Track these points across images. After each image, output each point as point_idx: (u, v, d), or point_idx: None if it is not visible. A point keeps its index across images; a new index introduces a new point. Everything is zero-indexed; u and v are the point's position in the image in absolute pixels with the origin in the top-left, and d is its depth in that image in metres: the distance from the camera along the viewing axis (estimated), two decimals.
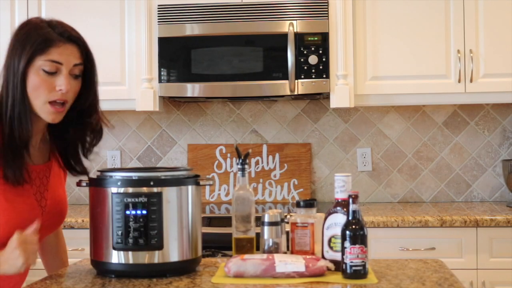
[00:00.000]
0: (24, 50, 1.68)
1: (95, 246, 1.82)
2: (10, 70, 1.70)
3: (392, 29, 3.34)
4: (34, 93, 1.70)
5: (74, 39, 1.74)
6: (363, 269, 1.69)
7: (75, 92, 1.77)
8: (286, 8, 3.28)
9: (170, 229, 1.78)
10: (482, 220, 3.01)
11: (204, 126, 3.77)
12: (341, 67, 3.28)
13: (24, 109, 1.70)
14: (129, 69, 3.41)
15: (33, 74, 1.69)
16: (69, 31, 1.74)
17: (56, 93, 1.71)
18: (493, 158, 3.65)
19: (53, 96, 1.71)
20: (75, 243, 2.91)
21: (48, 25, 1.72)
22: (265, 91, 3.27)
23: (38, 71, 1.69)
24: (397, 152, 3.69)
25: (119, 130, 3.79)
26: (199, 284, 1.71)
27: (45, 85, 1.70)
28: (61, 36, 1.71)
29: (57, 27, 1.72)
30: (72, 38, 1.74)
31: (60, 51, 1.70)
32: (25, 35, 1.70)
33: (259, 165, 3.69)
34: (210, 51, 3.30)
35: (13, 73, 1.69)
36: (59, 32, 1.71)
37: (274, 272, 1.72)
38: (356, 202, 1.70)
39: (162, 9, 3.32)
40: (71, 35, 1.73)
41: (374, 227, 3.03)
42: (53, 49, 1.69)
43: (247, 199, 1.93)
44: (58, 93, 1.71)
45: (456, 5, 3.30)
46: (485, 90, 3.30)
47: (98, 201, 1.81)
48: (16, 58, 1.69)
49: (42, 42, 1.68)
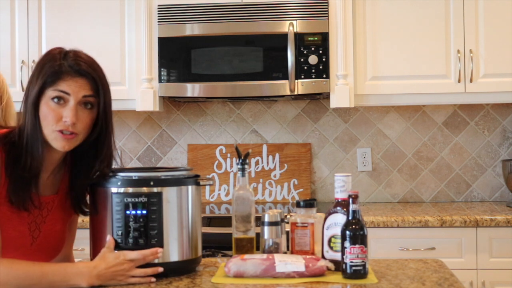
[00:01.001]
0: (37, 81, 1.72)
1: (95, 246, 1.83)
2: (27, 100, 1.74)
3: (392, 29, 3.34)
4: (44, 122, 1.71)
5: (83, 72, 1.73)
6: (363, 269, 1.69)
7: (86, 124, 1.74)
8: (286, 8, 3.28)
9: (170, 229, 1.78)
10: (482, 220, 3.01)
11: (204, 126, 3.78)
12: (341, 67, 3.28)
13: (36, 137, 1.71)
14: (129, 69, 3.41)
15: (44, 104, 1.71)
16: (80, 64, 1.74)
17: (63, 124, 1.71)
18: (493, 158, 3.65)
19: (60, 126, 1.71)
20: (75, 243, 2.90)
21: (63, 57, 1.74)
22: (265, 91, 3.27)
23: (48, 101, 1.71)
24: (397, 152, 3.69)
25: (119, 130, 3.79)
26: (199, 284, 1.71)
27: (53, 114, 1.70)
28: (70, 68, 1.72)
29: (69, 59, 1.73)
30: (81, 71, 1.73)
31: (68, 83, 1.71)
32: (41, 67, 1.74)
33: (259, 165, 3.69)
34: (210, 51, 3.30)
35: (29, 102, 1.73)
36: (70, 65, 1.72)
37: (274, 272, 1.72)
38: (356, 202, 1.71)
39: (162, 9, 3.32)
40: (81, 69, 1.73)
41: (374, 227, 3.03)
42: (62, 81, 1.71)
43: (247, 199, 1.93)
44: (64, 124, 1.70)
45: (456, 5, 3.30)
46: (485, 90, 3.30)
47: (98, 201, 1.81)
48: (31, 88, 1.74)
49: (53, 75, 1.71)
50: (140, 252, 1.73)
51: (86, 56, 1.78)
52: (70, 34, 3.44)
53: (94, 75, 1.75)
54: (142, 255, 1.73)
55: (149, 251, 1.74)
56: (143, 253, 1.73)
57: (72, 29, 3.44)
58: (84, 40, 3.43)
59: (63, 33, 3.44)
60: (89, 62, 1.76)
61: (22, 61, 3.44)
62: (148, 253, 1.74)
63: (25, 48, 3.45)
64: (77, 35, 3.44)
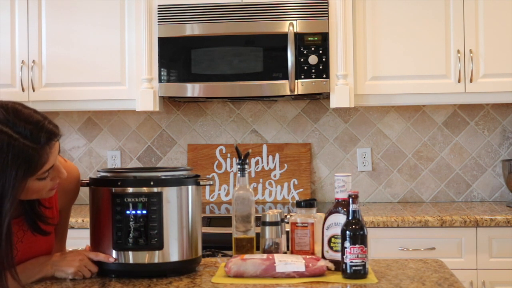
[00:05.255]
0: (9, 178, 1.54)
1: (95, 246, 1.83)
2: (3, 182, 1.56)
3: (392, 29, 3.34)
4: (32, 195, 1.66)
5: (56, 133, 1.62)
6: (363, 269, 1.69)
7: None
8: (286, 8, 3.28)
9: (170, 229, 1.78)
10: (482, 220, 3.01)
11: (204, 126, 3.78)
12: (341, 67, 3.28)
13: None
14: (129, 69, 3.41)
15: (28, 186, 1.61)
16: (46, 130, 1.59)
17: (56, 182, 1.69)
18: (493, 158, 3.65)
19: (54, 184, 1.69)
20: (75, 243, 2.90)
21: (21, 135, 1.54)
22: (265, 91, 3.27)
23: (33, 183, 1.62)
24: (397, 152, 3.69)
25: (119, 130, 3.79)
26: (199, 284, 1.71)
27: (44, 184, 1.66)
28: (46, 144, 1.59)
29: (33, 133, 1.56)
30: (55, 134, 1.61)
31: (50, 161, 1.62)
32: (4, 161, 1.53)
33: (259, 165, 3.69)
34: (210, 51, 3.30)
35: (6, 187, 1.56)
36: (40, 140, 1.57)
37: (274, 272, 1.72)
38: (356, 202, 1.71)
39: (162, 9, 3.32)
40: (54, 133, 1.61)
41: (374, 227, 3.03)
42: (45, 165, 1.61)
43: (247, 199, 1.93)
44: (57, 181, 1.70)
45: (456, 5, 3.30)
46: (485, 90, 3.30)
47: (98, 201, 1.81)
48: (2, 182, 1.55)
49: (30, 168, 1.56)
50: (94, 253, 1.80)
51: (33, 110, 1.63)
52: (70, 34, 3.44)
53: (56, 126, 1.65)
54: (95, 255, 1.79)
55: (103, 255, 1.79)
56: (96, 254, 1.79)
57: (72, 29, 3.44)
58: (84, 40, 3.43)
59: (63, 33, 3.44)
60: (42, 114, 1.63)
61: (22, 61, 3.44)
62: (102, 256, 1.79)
63: (25, 48, 3.45)
64: (77, 35, 3.44)
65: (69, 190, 1.90)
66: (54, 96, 3.44)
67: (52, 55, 3.44)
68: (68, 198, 1.91)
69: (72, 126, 3.81)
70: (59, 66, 3.44)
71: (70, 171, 1.86)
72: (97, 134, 3.80)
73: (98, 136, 3.79)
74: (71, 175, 1.87)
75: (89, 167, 3.73)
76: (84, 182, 1.87)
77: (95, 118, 3.80)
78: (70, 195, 1.92)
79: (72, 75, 3.44)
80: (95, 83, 3.43)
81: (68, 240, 2.16)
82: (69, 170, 1.84)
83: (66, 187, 1.87)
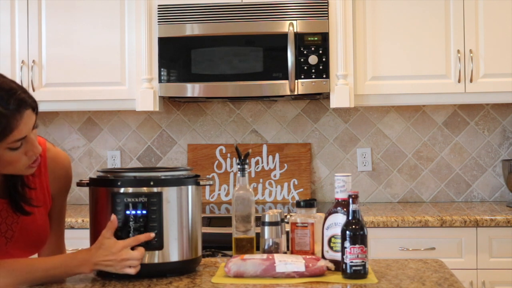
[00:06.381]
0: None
1: None
2: None
3: (392, 29, 3.34)
4: (7, 167, 1.64)
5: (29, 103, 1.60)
6: (363, 269, 1.69)
7: (37, 138, 1.71)
8: (286, 8, 3.28)
9: (170, 229, 1.78)
10: (482, 220, 3.01)
11: (204, 126, 3.78)
12: (341, 67, 3.28)
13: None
14: (129, 69, 3.41)
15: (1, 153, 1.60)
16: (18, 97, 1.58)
17: (31, 157, 1.66)
18: (493, 158, 3.65)
19: (29, 161, 1.66)
20: (75, 243, 2.90)
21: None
22: (265, 91, 3.27)
23: (4, 152, 1.60)
24: (397, 152, 3.69)
25: (119, 130, 3.79)
26: (199, 284, 1.71)
27: (17, 156, 1.63)
28: (16, 111, 1.57)
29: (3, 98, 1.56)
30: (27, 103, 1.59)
31: (20, 129, 1.58)
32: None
33: (259, 165, 3.69)
34: (210, 51, 3.30)
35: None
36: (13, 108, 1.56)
37: (274, 272, 1.72)
38: (356, 202, 1.70)
39: (162, 9, 3.32)
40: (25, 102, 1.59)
41: (374, 227, 3.03)
42: (14, 132, 1.58)
43: (247, 199, 1.93)
44: (33, 157, 1.67)
45: (456, 5, 3.30)
46: (485, 90, 3.30)
47: (98, 201, 1.81)
48: None
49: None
50: (135, 238, 1.75)
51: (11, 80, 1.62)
52: (70, 34, 3.44)
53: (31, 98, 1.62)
54: (136, 240, 1.75)
55: (143, 235, 1.75)
56: (137, 238, 1.75)
57: (72, 29, 3.44)
58: (84, 40, 3.44)
59: (63, 33, 3.44)
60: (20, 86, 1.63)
61: (22, 61, 3.44)
62: (142, 237, 1.75)
63: (25, 48, 3.45)
64: (77, 35, 3.44)
65: (60, 176, 1.89)
66: (54, 96, 3.44)
67: (52, 55, 3.44)
68: (59, 184, 1.90)
69: (72, 126, 3.81)
70: (59, 66, 3.44)
71: (59, 156, 1.89)
72: (97, 134, 3.80)
73: (98, 136, 3.79)
74: (60, 161, 1.89)
75: (89, 167, 3.73)
76: (84, 182, 1.87)
77: (95, 118, 3.80)
78: (62, 181, 1.91)
79: (72, 75, 3.44)
80: (95, 83, 3.43)
81: (68, 240, 2.16)
82: (58, 155, 1.88)
83: (56, 173, 1.87)
